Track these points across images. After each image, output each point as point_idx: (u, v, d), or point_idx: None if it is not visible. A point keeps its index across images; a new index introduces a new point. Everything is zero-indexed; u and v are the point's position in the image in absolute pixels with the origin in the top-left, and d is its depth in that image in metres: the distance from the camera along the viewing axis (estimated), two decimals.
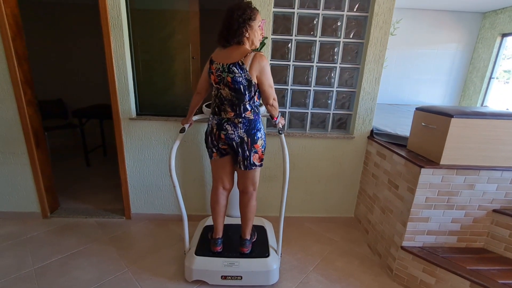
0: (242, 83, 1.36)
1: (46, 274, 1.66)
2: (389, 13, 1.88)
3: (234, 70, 1.34)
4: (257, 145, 1.47)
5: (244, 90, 1.38)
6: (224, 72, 1.37)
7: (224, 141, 1.47)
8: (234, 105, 1.41)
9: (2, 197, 2.17)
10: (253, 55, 1.35)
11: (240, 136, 1.43)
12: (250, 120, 1.43)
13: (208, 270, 1.57)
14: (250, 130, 1.43)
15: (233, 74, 1.35)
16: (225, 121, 1.44)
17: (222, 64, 1.37)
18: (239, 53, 1.36)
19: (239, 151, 1.46)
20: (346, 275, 1.76)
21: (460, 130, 1.47)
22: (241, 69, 1.34)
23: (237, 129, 1.43)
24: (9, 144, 2.05)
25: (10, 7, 1.84)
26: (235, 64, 1.34)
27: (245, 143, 1.44)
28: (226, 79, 1.38)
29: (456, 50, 3.70)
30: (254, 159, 1.48)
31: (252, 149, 1.46)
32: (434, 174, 1.52)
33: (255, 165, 1.51)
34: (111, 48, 1.88)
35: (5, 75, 1.90)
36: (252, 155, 1.47)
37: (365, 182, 2.20)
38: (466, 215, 1.61)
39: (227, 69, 1.36)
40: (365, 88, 2.03)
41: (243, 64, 1.34)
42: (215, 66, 1.40)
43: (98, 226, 2.18)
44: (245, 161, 1.48)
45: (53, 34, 3.58)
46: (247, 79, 1.36)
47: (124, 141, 2.09)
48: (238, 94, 1.39)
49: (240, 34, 1.34)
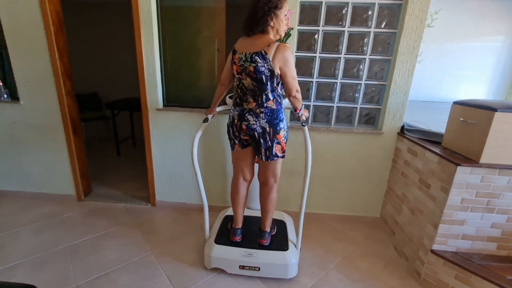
0: (265, 73, 1.34)
1: (78, 251, 1.79)
2: (426, 1, 1.74)
3: (257, 59, 1.32)
4: (280, 136, 1.44)
5: (266, 80, 1.35)
6: (246, 61, 1.36)
7: (246, 132, 1.46)
8: (256, 95, 1.39)
9: (43, 179, 2.37)
10: (277, 45, 1.32)
11: (262, 127, 1.42)
12: (273, 110, 1.41)
13: (227, 259, 1.59)
14: (272, 120, 1.41)
15: (255, 64, 1.33)
16: (247, 111, 1.43)
17: (245, 53, 1.36)
18: (262, 42, 1.34)
19: (261, 142, 1.44)
20: (370, 276, 1.68)
21: (505, 125, 1.32)
22: (264, 58, 1.32)
23: (259, 119, 1.41)
24: (49, 131, 2.23)
25: (53, 4, 1.98)
26: (257, 53, 1.32)
27: (267, 133, 1.42)
28: (248, 68, 1.36)
29: (504, 43, 3.35)
30: (276, 150, 1.46)
31: (275, 140, 1.44)
32: (472, 173, 1.39)
33: (277, 156, 1.48)
34: (142, 42, 1.96)
35: (47, 67, 2.06)
36: (275, 145, 1.45)
37: (393, 180, 2.08)
38: (509, 220, 1.46)
39: (249, 58, 1.34)
40: (397, 81, 1.92)
41: (266, 54, 1.31)
42: (238, 56, 1.39)
43: (126, 211, 2.30)
44: (267, 152, 1.46)
45: (90, 31, 3.83)
46: (270, 69, 1.33)
47: (151, 131, 2.17)
48: (260, 84, 1.37)
49: (264, 22, 1.32)
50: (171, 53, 2.11)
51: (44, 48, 2.02)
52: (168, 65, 2.13)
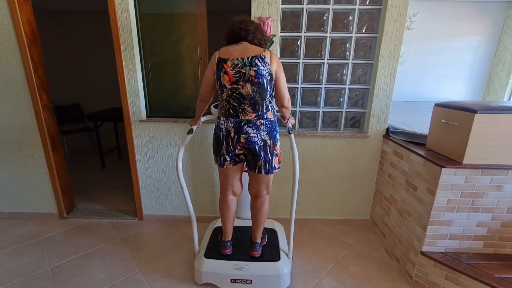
0: (266, 76, 1.30)
1: (61, 274, 1.70)
2: (404, 5, 1.78)
3: (257, 62, 1.28)
4: (277, 147, 1.42)
5: (266, 85, 1.32)
6: (245, 66, 1.29)
7: (244, 145, 1.37)
8: (257, 104, 1.33)
9: (22, 198, 2.25)
10: (270, 52, 1.34)
11: (263, 139, 1.36)
12: (272, 122, 1.38)
13: (218, 273, 1.54)
14: (272, 132, 1.38)
15: (256, 67, 1.28)
16: (245, 123, 1.35)
17: (241, 58, 1.29)
18: (256, 48, 1.33)
19: (261, 155, 1.38)
20: (362, 281, 1.68)
21: (485, 126, 1.35)
22: (263, 62, 1.29)
23: (260, 131, 1.35)
24: (27, 147, 2.13)
25: (26, 15, 1.90)
26: (256, 57, 1.29)
27: (268, 146, 1.37)
28: (248, 73, 1.29)
29: (479, 42, 3.48)
30: (275, 162, 1.43)
31: (274, 152, 1.40)
32: (456, 174, 1.41)
33: (275, 168, 1.45)
34: (121, 51, 1.91)
35: (22, 81, 1.97)
36: (274, 158, 1.41)
37: (381, 183, 2.10)
38: (493, 218, 1.49)
39: (248, 62, 1.29)
40: (380, 84, 1.94)
41: (265, 57, 1.30)
42: (231, 63, 1.30)
43: (111, 227, 2.21)
44: (266, 165, 1.41)
45: (69, 41, 3.72)
46: (269, 72, 1.31)
47: (135, 143, 2.11)
48: (261, 89, 1.32)
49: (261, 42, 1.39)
50: (153, 63, 2.06)
51: (17, 61, 1.93)
52: (151, 75, 2.08)
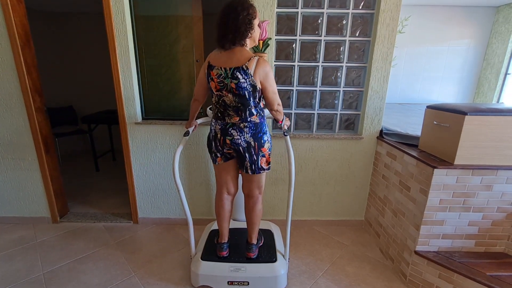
0: (247, 88, 1.31)
1: (54, 279, 1.67)
2: (396, 10, 1.82)
3: (238, 75, 1.28)
4: (264, 149, 1.43)
5: (249, 96, 1.33)
6: (227, 78, 1.31)
7: (230, 146, 1.43)
8: (240, 110, 1.36)
9: (14, 202, 2.22)
10: (257, 59, 1.29)
11: (247, 141, 1.39)
12: (256, 124, 1.40)
13: (214, 275, 1.54)
14: (256, 134, 1.40)
15: (237, 80, 1.29)
16: (230, 126, 1.39)
17: (224, 68, 1.30)
18: (242, 56, 1.29)
19: (246, 156, 1.42)
20: (358, 281, 1.70)
21: (475, 128, 1.39)
22: (245, 74, 1.28)
23: (243, 133, 1.38)
24: (19, 150, 2.09)
25: (19, 17, 1.88)
26: (238, 68, 1.28)
27: (252, 148, 1.40)
28: (229, 85, 1.31)
29: (469, 46, 3.58)
30: (261, 163, 1.45)
31: (260, 153, 1.42)
32: (448, 174, 1.45)
33: (263, 169, 1.47)
34: (116, 54, 1.90)
35: (15, 83, 1.94)
36: (260, 159, 1.43)
37: (375, 184, 2.13)
38: (484, 217, 1.52)
39: (230, 74, 1.29)
40: (373, 87, 1.98)
41: (248, 68, 1.27)
42: (216, 72, 1.32)
43: (106, 230, 2.19)
44: (252, 166, 1.44)
45: (63, 43, 3.68)
46: (252, 84, 1.30)
47: (130, 146, 2.10)
48: (243, 100, 1.34)
49: (246, 36, 1.30)
50: (149, 65, 2.06)
51: (10, 63, 1.90)
52: (146, 77, 2.08)
